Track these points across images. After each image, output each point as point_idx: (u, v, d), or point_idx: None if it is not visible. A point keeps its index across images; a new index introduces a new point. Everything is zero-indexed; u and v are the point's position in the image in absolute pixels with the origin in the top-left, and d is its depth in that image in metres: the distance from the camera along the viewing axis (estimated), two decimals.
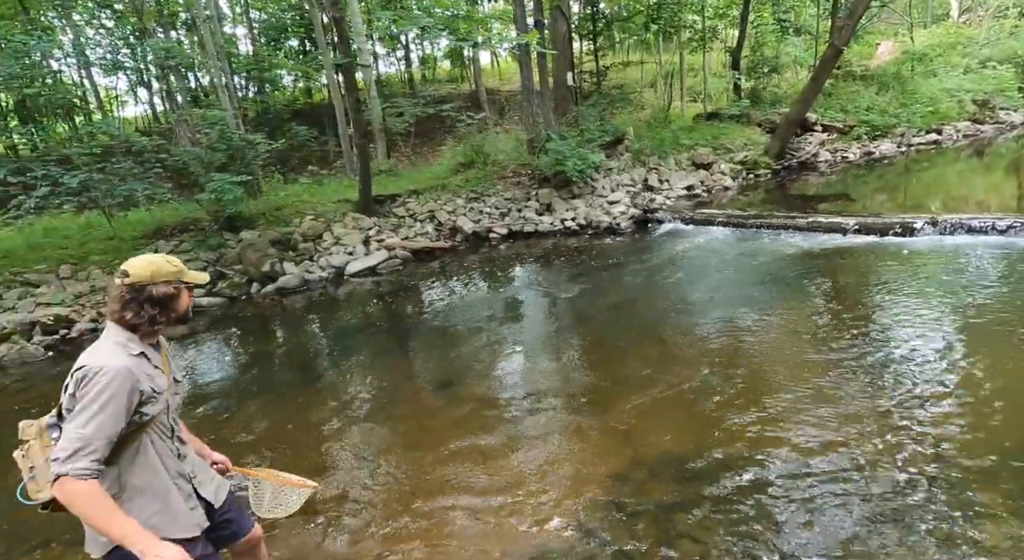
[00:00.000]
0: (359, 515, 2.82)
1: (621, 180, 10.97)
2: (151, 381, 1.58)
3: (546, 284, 6.89)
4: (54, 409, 1.59)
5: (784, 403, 3.40)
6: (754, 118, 13.52)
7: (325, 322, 6.35)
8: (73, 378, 1.50)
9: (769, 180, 11.43)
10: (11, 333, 5.85)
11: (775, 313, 4.84)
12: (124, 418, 1.50)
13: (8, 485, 3.56)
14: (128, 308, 1.58)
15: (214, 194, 7.28)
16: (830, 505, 2.54)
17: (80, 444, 1.42)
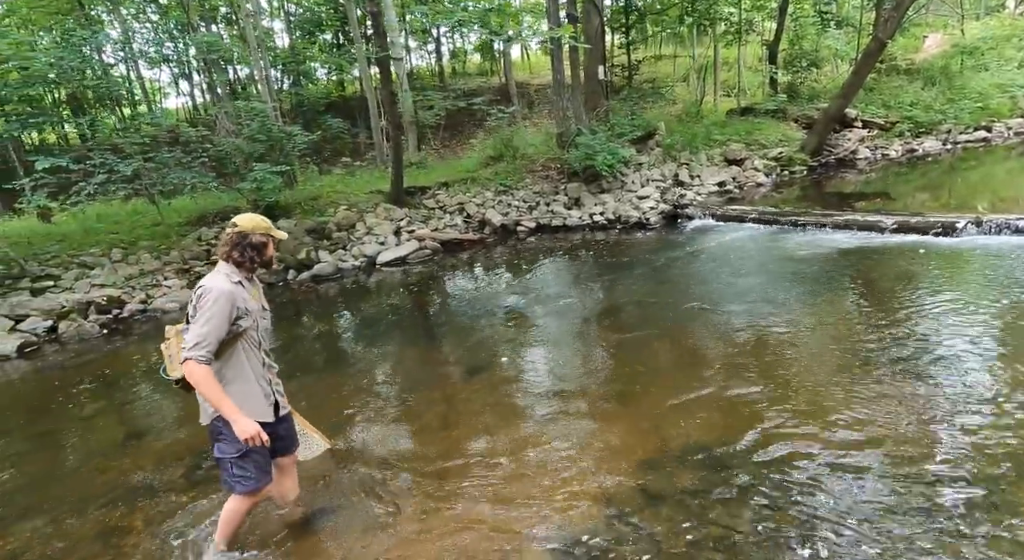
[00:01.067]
0: (387, 491, 2.95)
1: (651, 175, 10.89)
2: (245, 302, 2.19)
3: (573, 277, 6.94)
4: (183, 322, 2.25)
5: (815, 399, 3.40)
6: (790, 113, 13.19)
7: (357, 309, 6.55)
8: (195, 295, 2.12)
9: (804, 177, 11.17)
10: (69, 311, 6.23)
11: (807, 310, 4.79)
12: (227, 324, 2.11)
13: (87, 444, 3.84)
14: (236, 249, 2.19)
15: (255, 183, 7.56)
16: (859, 500, 2.55)
17: (199, 339, 2.05)
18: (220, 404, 2.08)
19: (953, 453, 2.78)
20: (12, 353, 5.67)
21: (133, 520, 2.91)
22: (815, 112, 12.79)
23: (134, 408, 4.41)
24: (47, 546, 2.77)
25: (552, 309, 5.70)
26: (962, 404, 3.17)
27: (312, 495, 2.96)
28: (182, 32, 11.60)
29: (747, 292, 5.43)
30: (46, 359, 5.68)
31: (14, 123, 6.62)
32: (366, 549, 2.54)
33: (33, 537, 2.86)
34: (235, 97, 12.87)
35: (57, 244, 7.59)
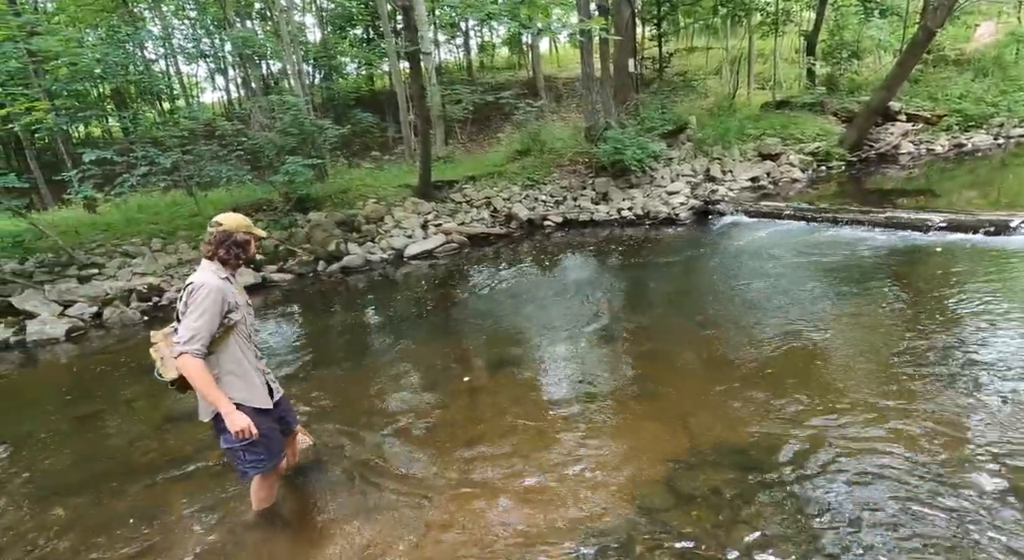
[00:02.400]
0: (413, 483, 2.97)
1: (682, 170, 10.69)
2: (233, 296, 2.29)
3: (600, 273, 6.87)
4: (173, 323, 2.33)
5: (849, 401, 3.29)
6: (829, 107, 12.74)
7: (385, 301, 6.63)
8: (185, 291, 2.19)
9: (842, 173, 10.78)
10: (113, 298, 6.49)
11: (843, 311, 4.63)
12: (219, 318, 2.20)
13: (129, 425, 4.00)
14: (221, 247, 2.28)
15: (287, 176, 7.71)
16: (893, 505, 2.46)
17: (192, 333, 2.13)
18: (214, 397, 2.18)
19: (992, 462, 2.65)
20: (61, 337, 5.94)
21: (172, 499, 3.01)
22: (856, 105, 12.32)
23: (172, 393, 4.56)
24: (91, 521, 2.90)
25: (578, 305, 5.66)
26: (1011, 412, 3.01)
27: (338, 483, 3.01)
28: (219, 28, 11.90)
29: (780, 291, 5.28)
30: (91, 343, 5.93)
31: (63, 117, 6.92)
32: (391, 539, 2.58)
33: (78, 512, 2.99)
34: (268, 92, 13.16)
35: (102, 233, 7.91)
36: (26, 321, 6.08)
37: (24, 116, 7.36)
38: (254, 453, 2.35)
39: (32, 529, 2.89)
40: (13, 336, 5.92)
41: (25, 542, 2.79)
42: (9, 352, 5.80)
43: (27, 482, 3.36)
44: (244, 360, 2.35)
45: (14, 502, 3.16)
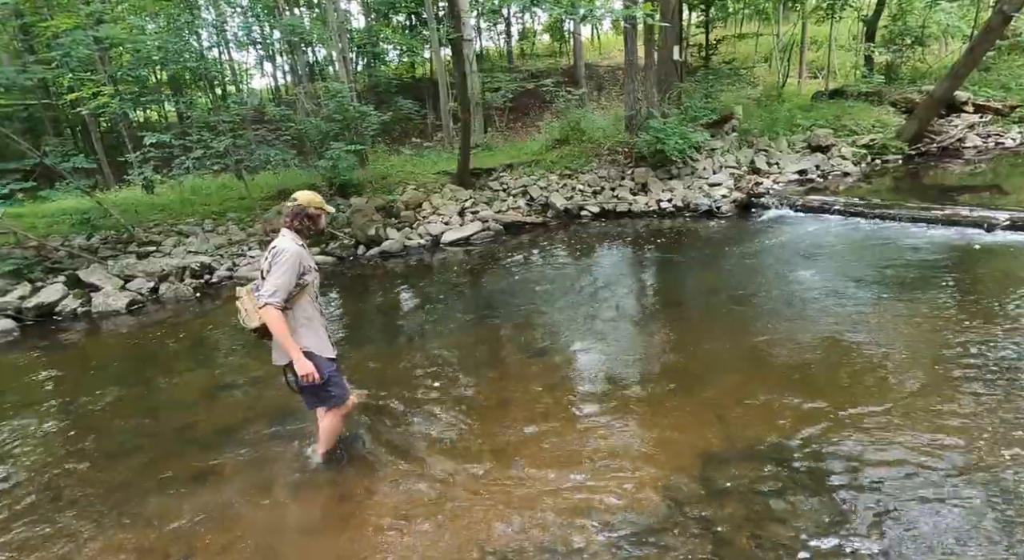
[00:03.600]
0: (443, 463, 3.05)
1: (725, 161, 10.37)
2: (308, 261, 2.67)
3: (636, 265, 6.80)
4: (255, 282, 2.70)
5: (893, 400, 3.18)
6: (887, 96, 12.05)
7: (422, 286, 6.77)
8: (271, 254, 2.59)
9: (899, 167, 10.22)
10: (168, 275, 6.87)
11: (892, 310, 4.44)
12: (295, 278, 2.56)
13: (184, 393, 4.26)
14: (296, 218, 2.66)
15: (331, 161, 7.91)
16: (934, 507, 2.38)
17: (275, 288, 2.51)
18: (288, 344, 2.54)
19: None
20: (122, 309, 6.34)
21: (224, 462, 3.21)
22: (917, 95, 11.61)
23: (224, 364, 4.83)
24: (148, 481, 3.12)
25: (613, 295, 5.63)
26: None
27: (373, 454, 3.13)
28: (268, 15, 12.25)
29: (824, 288, 5.09)
30: (149, 316, 6.31)
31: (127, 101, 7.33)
32: (422, 507, 2.67)
33: (136, 472, 3.22)
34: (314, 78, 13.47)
35: (159, 213, 8.36)
36: (91, 293, 6.52)
37: (91, 100, 7.83)
38: (327, 391, 2.73)
39: (97, 484, 3.13)
40: (80, 307, 6.36)
41: (91, 498, 3.03)
42: (77, 321, 6.24)
43: (94, 440, 3.64)
44: (313, 315, 2.72)
45: (81, 459, 3.42)
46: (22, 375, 4.89)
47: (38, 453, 3.54)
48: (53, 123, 13.49)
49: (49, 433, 3.81)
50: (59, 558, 2.55)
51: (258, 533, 2.62)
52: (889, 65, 13.53)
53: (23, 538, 2.71)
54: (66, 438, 3.71)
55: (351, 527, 2.61)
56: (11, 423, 3.94)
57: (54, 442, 3.68)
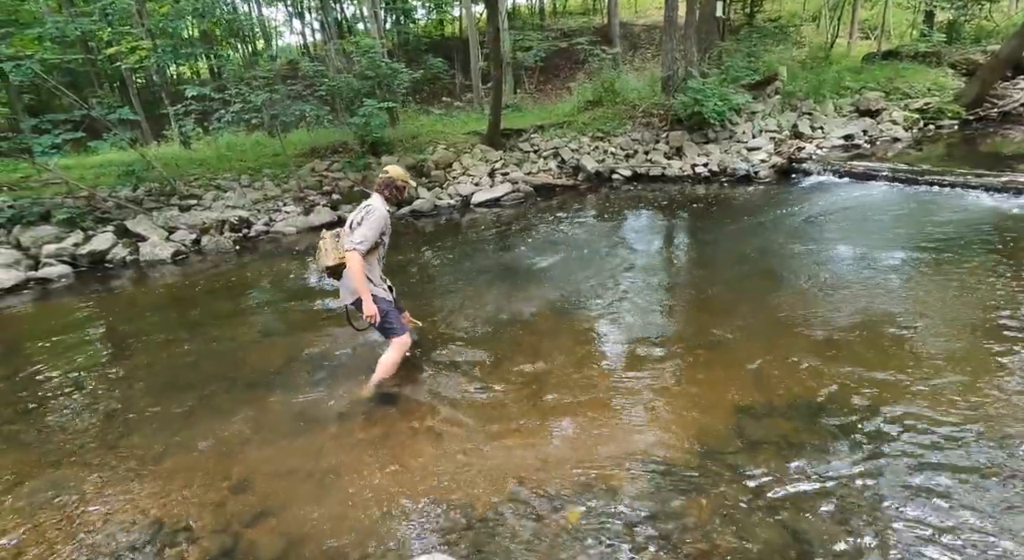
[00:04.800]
0: (477, 413, 3.15)
1: (766, 125, 9.98)
2: (388, 226, 3.18)
3: (668, 229, 6.70)
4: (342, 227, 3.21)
5: (935, 368, 3.13)
6: (947, 57, 11.29)
7: (453, 244, 6.83)
8: (364, 210, 3.10)
9: (955, 132, 9.67)
10: (209, 227, 7.09)
11: (940, 277, 4.31)
12: (378, 235, 3.08)
13: (228, 338, 4.46)
14: (386, 188, 3.17)
15: (364, 119, 7.90)
16: (971, 479, 2.37)
17: (363, 238, 2.99)
18: (360, 284, 3.01)
19: None
20: (167, 259, 6.61)
21: (272, 399, 3.39)
22: (980, 56, 10.84)
23: (265, 312, 5.03)
24: (204, 413, 3.32)
25: (645, 259, 5.59)
26: None
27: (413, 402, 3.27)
28: None
29: (865, 255, 4.96)
30: (192, 266, 6.56)
31: (167, 54, 7.41)
32: (457, 451, 2.79)
33: (191, 405, 3.43)
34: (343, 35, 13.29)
35: (197, 168, 8.55)
36: (139, 243, 6.79)
37: (130, 54, 7.92)
38: (389, 323, 3.20)
39: (158, 415, 3.36)
40: (129, 255, 6.64)
41: (153, 427, 3.26)
42: (126, 269, 6.53)
43: (151, 376, 3.87)
44: (376, 268, 3.23)
45: (140, 393, 3.66)
46: (81, 317, 5.19)
47: (102, 386, 3.80)
48: (93, 78, 13.74)
49: (110, 369, 4.07)
50: (129, 477, 2.78)
51: (308, 459, 2.78)
52: (951, 23, 12.60)
53: (96, 461, 2.95)
54: (125, 374, 3.96)
55: (393, 456, 2.76)
56: (75, 360, 4.22)
57: (115, 377, 3.93)
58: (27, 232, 6.61)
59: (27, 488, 2.74)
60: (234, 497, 2.56)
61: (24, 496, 2.67)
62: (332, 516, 2.39)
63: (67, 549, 2.32)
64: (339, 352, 4.00)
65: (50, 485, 2.75)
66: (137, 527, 2.42)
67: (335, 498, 2.51)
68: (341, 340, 4.21)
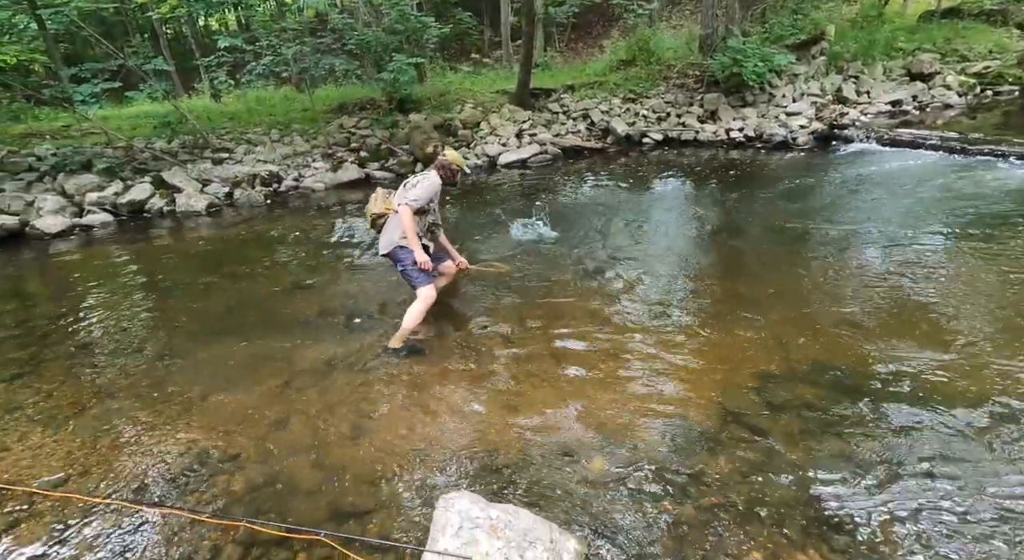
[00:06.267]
0: (504, 367, 3.23)
1: (808, 89, 9.52)
2: (438, 195, 3.57)
3: (700, 195, 6.56)
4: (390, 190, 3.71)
5: (964, 344, 3.08)
6: (1015, 16, 10.45)
7: (480, 205, 6.83)
8: (423, 176, 3.49)
9: (1015, 99, 9.07)
10: (241, 181, 7.22)
11: (980, 255, 4.16)
12: (428, 199, 3.44)
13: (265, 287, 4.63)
14: (441, 168, 3.52)
15: (393, 74, 7.79)
16: (987, 444, 2.37)
17: (417, 197, 3.36)
18: (412, 237, 3.33)
19: None
20: (203, 210, 6.79)
21: (306, 346, 3.54)
22: None
23: (297, 266, 5.17)
24: (241, 356, 3.50)
25: (673, 224, 5.52)
26: None
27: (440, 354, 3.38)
28: None
29: (903, 226, 4.80)
30: (226, 218, 6.74)
31: (198, 3, 7.38)
32: (482, 401, 2.90)
33: (229, 349, 3.61)
34: None
35: (229, 121, 8.63)
36: (175, 194, 6.97)
37: (160, 4, 7.90)
38: (417, 272, 3.39)
39: (198, 358, 3.55)
40: (166, 206, 6.85)
41: (196, 366, 3.45)
42: (164, 219, 6.75)
43: (189, 321, 4.07)
44: (425, 229, 3.58)
45: (180, 337, 3.86)
46: (125, 263, 5.42)
47: (147, 328, 4.01)
48: (125, 28, 13.78)
49: (153, 312, 4.29)
50: (178, 411, 2.98)
51: (341, 403, 2.94)
52: None
53: (146, 395, 3.16)
54: (167, 318, 4.17)
55: (420, 403, 2.89)
56: (121, 303, 4.45)
57: (158, 320, 4.15)
58: (71, 179, 6.85)
59: (86, 416, 2.97)
60: (275, 433, 2.74)
61: (85, 423, 2.90)
62: (363, 455, 2.54)
63: (126, 470, 2.53)
64: (369, 303, 4.12)
65: (108, 413, 2.97)
66: (188, 455, 2.61)
67: (366, 439, 2.66)
68: (370, 292, 4.33)
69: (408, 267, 3.37)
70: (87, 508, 2.31)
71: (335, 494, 2.32)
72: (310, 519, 2.19)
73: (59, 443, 2.75)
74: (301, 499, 2.31)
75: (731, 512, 2.14)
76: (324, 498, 2.31)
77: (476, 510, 1.87)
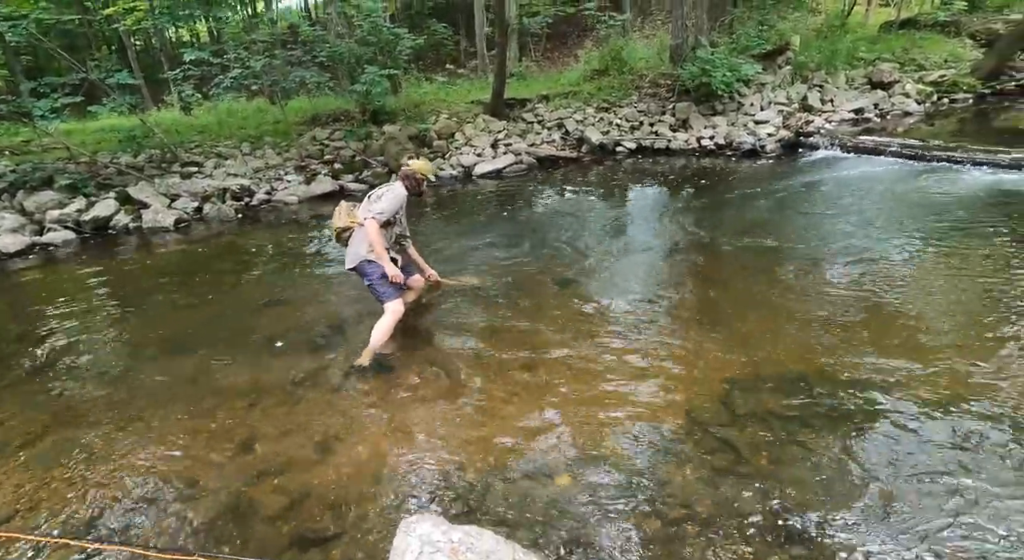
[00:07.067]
0: (473, 381, 3.21)
1: (775, 97, 9.77)
2: (403, 208, 3.54)
3: (670, 203, 6.66)
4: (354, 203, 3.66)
5: (928, 346, 3.16)
6: (967, 27, 10.91)
7: (454, 216, 6.82)
8: (387, 188, 3.46)
9: (969, 107, 9.44)
10: (211, 195, 7.09)
11: (938, 255, 4.31)
12: (394, 211, 3.41)
13: (234, 304, 4.54)
14: (406, 179, 3.49)
15: (365, 86, 7.77)
16: (953, 449, 2.44)
17: (383, 210, 3.33)
18: (380, 251, 3.29)
19: None
20: (170, 226, 6.65)
21: (275, 365, 3.48)
22: (1002, 25, 10.46)
23: (268, 281, 5.08)
24: (209, 378, 3.42)
25: (644, 232, 5.59)
26: None
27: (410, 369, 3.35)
28: None
29: (868, 232, 4.94)
30: (195, 234, 6.60)
31: (164, 16, 7.24)
32: (451, 417, 2.88)
33: (197, 370, 3.53)
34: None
35: (198, 135, 8.49)
36: (141, 210, 6.82)
37: (127, 15, 7.76)
38: (384, 287, 3.38)
39: (165, 379, 3.46)
40: (132, 222, 6.68)
41: (161, 390, 3.36)
42: (130, 236, 6.59)
43: (153, 342, 3.97)
44: (386, 242, 3.47)
45: (148, 358, 3.76)
46: (87, 282, 5.27)
47: (108, 349, 3.90)
48: (90, 41, 13.48)
49: (116, 333, 4.17)
50: (137, 436, 2.89)
51: (307, 424, 2.88)
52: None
53: (105, 421, 3.06)
54: (130, 338, 4.06)
55: (387, 422, 2.85)
56: (82, 323, 4.31)
57: (121, 341, 4.03)
58: (30, 197, 6.65)
59: (39, 446, 2.86)
60: (238, 458, 2.67)
61: (37, 454, 2.79)
62: (328, 478, 2.50)
63: (78, 503, 2.44)
64: (338, 320, 4.07)
65: (63, 443, 2.87)
66: (145, 485, 2.53)
67: (332, 461, 2.61)
68: (340, 308, 4.28)
69: (375, 281, 3.36)
70: (35, 546, 2.21)
71: (297, 520, 2.27)
72: (272, 547, 2.13)
73: (7, 476, 2.64)
74: (262, 527, 2.25)
75: (696, 525, 2.15)
76: (286, 525, 2.26)
77: (437, 533, 1.85)
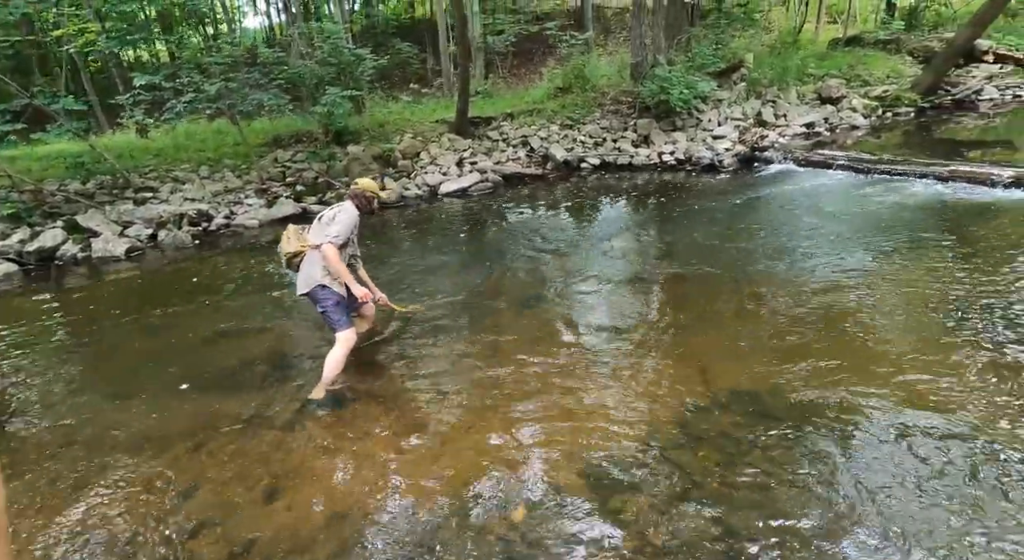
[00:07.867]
0: (431, 409, 3.18)
1: (731, 113, 10.09)
2: (357, 228, 3.45)
3: (633, 218, 6.77)
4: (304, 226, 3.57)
5: (879, 359, 3.26)
6: (906, 45, 11.53)
7: (418, 236, 6.78)
8: (340, 209, 3.37)
9: (911, 120, 9.94)
10: (166, 221, 6.88)
11: (888, 267, 4.47)
12: (349, 234, 3.33)
13: (185, 336, 4.39)
14: (355, 198, 3.41)
15: (326, 108, 7.71)
16: (906, 462, 2.50)
17: (338, 233, 3.23)
18: (344, 275, 3.26)
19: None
20: (121, 255, 6.41)
21: (225, 402, 3.36)
22: (937, 43, 11.10)
23: (223, 311, 4.93)
24: (151, 421, 3.28)
25: (608, 249, 5.65)
26: None
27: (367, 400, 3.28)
28: None
29: (820, 244, 5.11)
30: (149, 263, 6.38)
31: (115, 39, 7.05)
32: (413, 447, 2.83)
33: (139, 413, 3.38)
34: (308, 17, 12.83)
35: (154, 159, 8.26)
36: (91, 239, 6.56)
37: (78, 37, 7.54)
38: (338, 314, 3.31)
39: (105, 423, 3.30)
40: (80, 252, 6.42)
41: (98, 435, 3.20)
42: (78, 266, 6.32)
43: (97, 382, 3.79)
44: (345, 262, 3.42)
45: (88, 400, 3.58)
46: (27, 318, 5.02)
47: (47, 392, 3.70)
48: (41, 62, 13.05)
49: (56, 373, 3.97)
50: (72, 487, 2.73)
51: (255, 466, 2.78)
52: (912, 10, 12.85)
53: (37, 472, 2.89)
54: (72, 379, 3.87)
55: (339, 459, 2.77)
56: (19, 364, 4.09)
57: (61, 382, 3.83)
58: None
59: None
60: (179, 505, 2.55)
61: None
62: (275, 523, 2.40)
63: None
64: (293, 350, 3.97)
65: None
66: (75, 542, 2.39)
67: (280, 503, 2.52)
68: (296, 339, 4.18)
69: (329, 308, 3.26)
70: None
71: None
72: None
73: None
74: None
75: (649, 554, 2.14)
76: None
77: None
